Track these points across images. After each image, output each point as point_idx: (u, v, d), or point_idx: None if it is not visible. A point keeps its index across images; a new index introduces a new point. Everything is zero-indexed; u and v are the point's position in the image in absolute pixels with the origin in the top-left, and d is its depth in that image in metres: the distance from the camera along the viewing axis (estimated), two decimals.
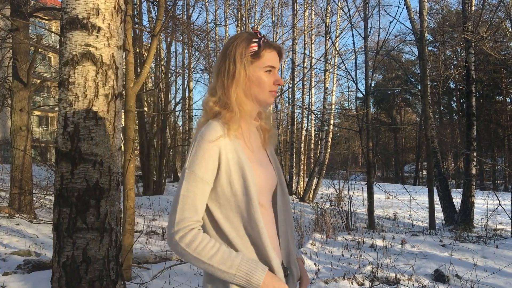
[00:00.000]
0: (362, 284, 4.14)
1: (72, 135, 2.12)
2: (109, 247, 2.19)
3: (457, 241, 6.43)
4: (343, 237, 6.40)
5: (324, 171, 16.92)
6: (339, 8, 15.75)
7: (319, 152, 17.15)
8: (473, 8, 9.99)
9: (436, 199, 9.94)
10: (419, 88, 23.74)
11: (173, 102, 18.45)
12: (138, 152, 14.48)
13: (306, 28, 17.45)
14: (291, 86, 17.96)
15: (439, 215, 10.31)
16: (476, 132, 9.79)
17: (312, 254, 5.31)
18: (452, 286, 4.18)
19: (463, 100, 28.02)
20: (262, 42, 1.26)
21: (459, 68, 14.89)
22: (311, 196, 16.39)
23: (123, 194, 3.98)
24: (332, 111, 18.88)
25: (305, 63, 17.66)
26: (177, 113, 19.59)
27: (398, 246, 5.89)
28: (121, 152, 2.40)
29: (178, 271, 4.30)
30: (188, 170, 1.17)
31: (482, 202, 12.00)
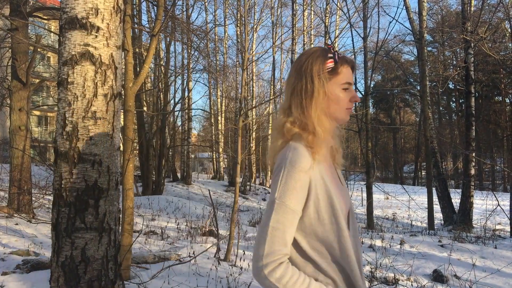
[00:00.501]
0: None
1: (71, 134, 2.12)
2: (107, 247, 2.19)
3: (456, 241, 6.44)
4: None
5: None
6: (338, 8, 15.78)
7: None
8: (472, 8, 10.02)
9: (435, 199, 9.95)
10: (418, 88, 23.81)
11: (172, 102, 18.45)
12: (137, 152, 14.49)
13: (305, 28, 17.47)
14: None
15: (438, 215, 10.32)
16: (475, 133, 9.81)
17: None
18: (451, 286, 4.18)
19: (462, 100, 28.07)
20: (338, 58, 1.22)
21: (458, 69, 14.89)
22: None
23: (122, 194, 3.97)
24: None
25: None
26: (176, 113, 19.60)
27: (397, 246, 5.89)
28: (120, 152, 2.39)
29: (177, 271, 4.30)
30: (279, 201, 1.13)
31: (481, 202, 12.00)
